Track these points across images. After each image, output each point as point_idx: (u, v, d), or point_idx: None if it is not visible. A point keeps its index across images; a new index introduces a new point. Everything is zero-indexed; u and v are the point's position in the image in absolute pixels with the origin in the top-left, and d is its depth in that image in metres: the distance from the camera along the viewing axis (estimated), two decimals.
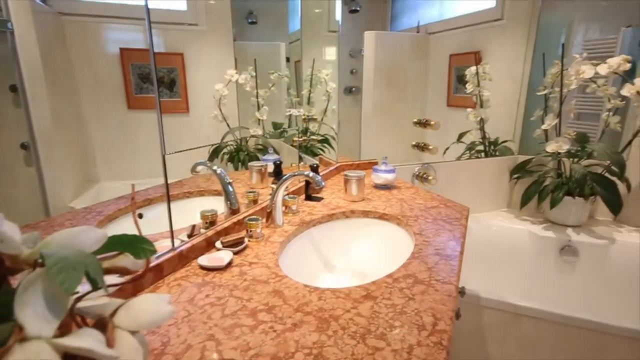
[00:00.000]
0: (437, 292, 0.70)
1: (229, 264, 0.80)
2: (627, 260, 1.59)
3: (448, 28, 1.89)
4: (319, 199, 1.23)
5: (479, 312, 1.29)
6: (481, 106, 1.87)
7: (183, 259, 0.80)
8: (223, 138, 1.03)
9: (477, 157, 1.96)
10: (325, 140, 1.67)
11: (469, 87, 1.85)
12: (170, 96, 0.86)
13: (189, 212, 0.88)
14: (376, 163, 1.51)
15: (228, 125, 1.04)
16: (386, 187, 1.37)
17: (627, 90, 1.46)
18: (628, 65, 1.45)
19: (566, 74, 1.65)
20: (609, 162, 1.60)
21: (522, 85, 1.93)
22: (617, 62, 1.44)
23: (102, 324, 0.32)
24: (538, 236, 1.74)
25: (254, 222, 0.91)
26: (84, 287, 0.30)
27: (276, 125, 1.32)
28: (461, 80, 1.88)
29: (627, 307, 1.58)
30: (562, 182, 1.70)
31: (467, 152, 1.96)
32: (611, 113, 1.63)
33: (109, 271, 0.35)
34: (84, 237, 0.32)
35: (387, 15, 1.94)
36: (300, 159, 1.44)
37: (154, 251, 0.36)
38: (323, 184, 0.93)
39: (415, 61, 1.90)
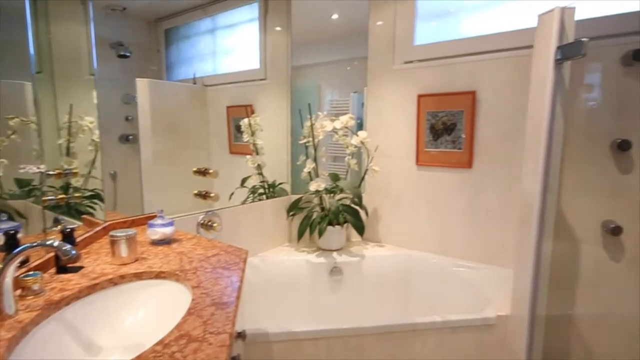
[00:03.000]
0: (210, 345, 0.69)
1: None
2: (374, 268, 2.05)
3: (222, 82, 2.03)
4: (76, 270, 1.03)
5: (269, 348, 1.36)
6: (257, 153, 2.08)
7: None
8: None
9: (260, 200, 2.14)
10: (96, 196, 1.45)
11: (245, 136, 2.03)
12: None
13: None
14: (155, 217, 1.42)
15: None
16: (165, 241, 1.30)
17: (355, 140, 1.94)
18: (353, 122, 1.95)
19: (316, 127, 2.05)
20: (352, 195, 2.07)
21: (287, 135, 2.28)
22: (346, 119, 1.92)
23: None
24: (313, 263, 2.02)
25: None
26: None
27: (22, 183, 1.07)
28: (239, 129, 2.05)
29: (378, 307, 2.03)
30: (325, 214, 2.07)
31: (251, 195, 2.11)
32: (351, 157, 2.12)
33: None
34: None
35: (162, 65, 1.92)
36: (57, 221, 1.20)
37: None
38: (73, 252, 0.79)
39: (195, 110, 1.93)
